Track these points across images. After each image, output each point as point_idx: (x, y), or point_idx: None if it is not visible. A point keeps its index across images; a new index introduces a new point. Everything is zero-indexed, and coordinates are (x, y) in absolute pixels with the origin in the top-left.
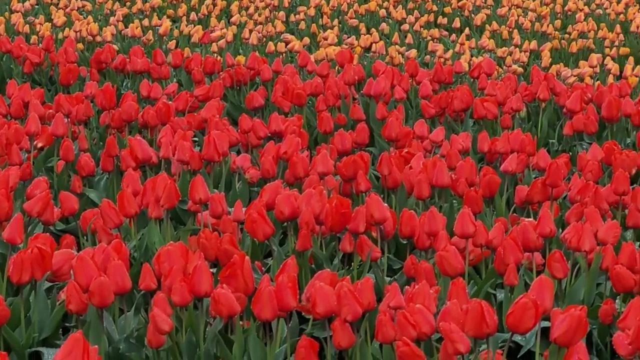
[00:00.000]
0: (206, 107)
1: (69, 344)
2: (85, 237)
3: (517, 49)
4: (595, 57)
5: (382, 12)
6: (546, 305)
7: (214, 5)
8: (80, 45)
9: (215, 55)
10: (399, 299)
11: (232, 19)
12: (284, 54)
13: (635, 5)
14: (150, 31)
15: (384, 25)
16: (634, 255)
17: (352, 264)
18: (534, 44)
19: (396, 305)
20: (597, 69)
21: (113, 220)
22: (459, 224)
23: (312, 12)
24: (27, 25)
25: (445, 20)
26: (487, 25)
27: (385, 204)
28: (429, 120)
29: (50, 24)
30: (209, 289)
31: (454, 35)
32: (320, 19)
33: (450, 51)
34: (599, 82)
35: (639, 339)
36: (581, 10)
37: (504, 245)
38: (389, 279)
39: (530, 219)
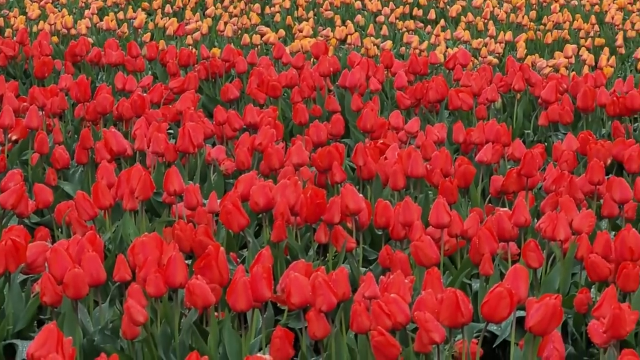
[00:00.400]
0: (181, 99)
1: (43, 335)
2: (59, 230)
3: (492, 40)
4: (570, 48)
5: (358, 4)
6: (521, 295)
7: None
8: (54, 38)
9: (190, 47)
10: (374, 288)
11: (207, 12)
12: (259, 46)
13: None
14: (125, 24)
15: (359, 17)
16: (608, 244)
17: (327, 254)
18: (509, 35)
19: (371, 295)
20: (572, 60)
21: (88, 213)
22: (434, 214)
23: (287, 4)
24: (2, 19)
25: (420, 12)
26: (462, 17)
27: (361, 195)
28: (404, 112)
29: (24, 17)
30: (184, 280)
31: (429, 26)
32: (295, 11)
33: (426, 43)
34: (574, 72)
35: (614, 327)
36: (556, 1)
37: (479, 235)
38: (364, 269)
39: (505, 209)
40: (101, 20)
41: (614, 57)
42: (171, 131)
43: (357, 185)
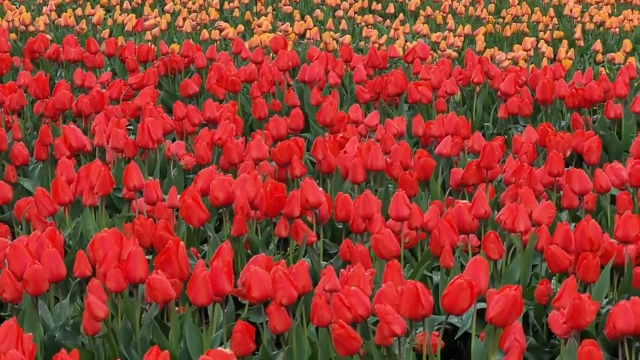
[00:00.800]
0: (140, 94)
1: (2, 331)
2: (19, 226)
3: (452, 33)
4: (529, 41)
5: None
6: (481, 286)
7: None
8: (13, 35)
9: (149, 43)
10: (334, 281)
11: (166, 8)
12: (218, 42)
13: None
14: (84, 20)
15: (318, 11)
16: (568, 235)
17: (288, 248)
18: (468, 29)
19: (331, 288)
20: (531, 53)
21: (47, 209)
22: (393, 206)
23: None
24: None
25: (379, 6)
26: (421, 11)
27: (320, 189)
28: (363, 105)
29: None
30: (144, 275)
31: (388, 20)
32: (254, 7)
33: (385, 36)
34: (533, 65)
35: (574, 317)
36: None
37: (439, 227)
38: (324, 263)
39: (465, 201)
40: (59, 17)
41: (572, 49)
42: (131, 127)
43: (317, 179)
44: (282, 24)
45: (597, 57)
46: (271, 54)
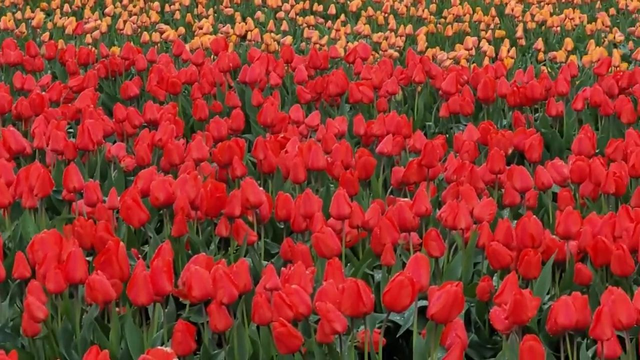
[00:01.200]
0: (80, 97)
1: None
2: None
3: (393, 33)
4: (470, 40)
5: (258, 0)
6: (422, 283)
7: None
8: None
9: (90, 46)
10: (274, 280)
11: (106, 10)
12: (158, 44)
13: None
14: (23, 24)
15: (259, 13)
16: (510, 232)
17: (229, 248)
18: (409, 29)
19: (272, 286)
20: (473, 52)
21: None
22: (334, 205)
23: (186, 1)
24: None
25: (320, 7)
26: (362, 11)
27: (261, 188)
28: (304, 106)
29: None
30: (84, 276)
31: (329, 22)
32: (195, 9)
33: (326, 37)
34: (474, 64)
35: (515, 313)
36: None
37: (380, 225)
38: (265, 262)
39: (406, 199)
40: None
41: (514, 48)
42: (71, 130)
43: (258, 179)
44: (223, 26)
45: (538, 55)
46: (212, 56)
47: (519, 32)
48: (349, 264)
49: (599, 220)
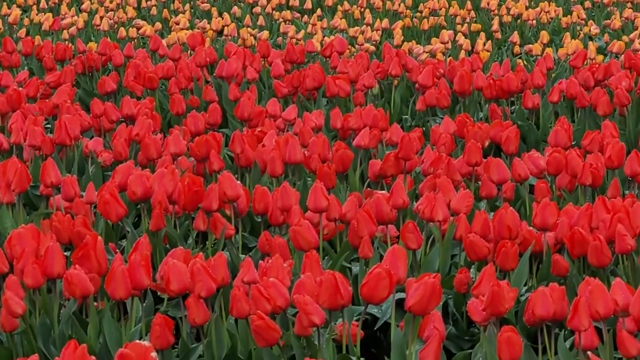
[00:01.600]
0: (57, 92)
1: None
2: None
3: (369, 27)
4: (446, 34)
5: None
6: (400, 275)
7: None
8: None
9: (67, 42)
10: (252, 273)
11: (83, 6)
12: (135, 40)
13: None
14: (0, 20)
15: (235, 8)
16: (487, 223)
17: (207, 242)
18: (385, 23)
19: (250, 279)
20: (449, 45)
21: None
22: (311, 198)
23: None
24: None
25: (297, 2)
26: (339, 6)
27: (239, 182)
28: (281, 100)
29: None
30: (62, 270)
31: (305, 16)
32: (172, 4)
33: (302, 32)
34: (451, 58)
35: (493, 304)
36: None
37: (358, 218)
38: (243, 256)
39: (383, 192)
40: None
41: (490, 42)
42: (48, 125)
43: (235, 173)
44: (200, 21)
45: (514, 49)
46: (189, 51)
47: (495, 25)
48: (326, 257)
49: (575, 211)
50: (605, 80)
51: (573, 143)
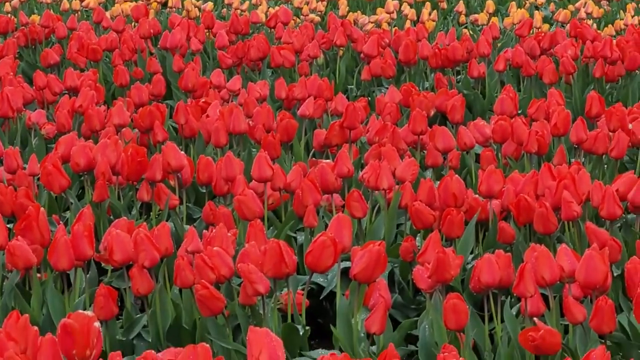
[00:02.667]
0: None
1: None
2: None
3: None
4: (392, 4)
5: None
6: (345, 243)
7: None
8: None
9: (9, 14)
10: (196, 243)
11: None
12: (79, 12)
13: None
14: None
15: None
16: (432, 191)
17: (151, 213)
18: None
19: (194, 249)
20: (395, 15)
21: None
22: (256, 168)
23: None
24: None
25: None
26: None
27: (183, 152)
28: (226, 71)
29: None
30: (4, 242)
31: None
32: None
33: (247, 3)
34: (396, 28)
35: (438, 271)
36: None
37: (302, 187)
38: (187, 226)
39: (328, 161)
40: None
41: (435, 11)
42: None
43: (180, 144)
44: None
45: (460, 18)
46: (133, 23)
47: None
48: (271, 227)
49: (521, 178)
50: (551, 49)
51: (519, 111)
